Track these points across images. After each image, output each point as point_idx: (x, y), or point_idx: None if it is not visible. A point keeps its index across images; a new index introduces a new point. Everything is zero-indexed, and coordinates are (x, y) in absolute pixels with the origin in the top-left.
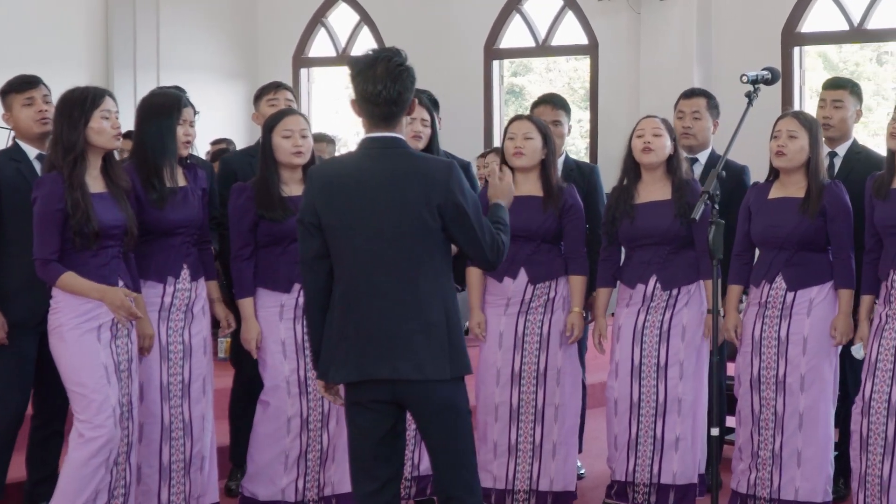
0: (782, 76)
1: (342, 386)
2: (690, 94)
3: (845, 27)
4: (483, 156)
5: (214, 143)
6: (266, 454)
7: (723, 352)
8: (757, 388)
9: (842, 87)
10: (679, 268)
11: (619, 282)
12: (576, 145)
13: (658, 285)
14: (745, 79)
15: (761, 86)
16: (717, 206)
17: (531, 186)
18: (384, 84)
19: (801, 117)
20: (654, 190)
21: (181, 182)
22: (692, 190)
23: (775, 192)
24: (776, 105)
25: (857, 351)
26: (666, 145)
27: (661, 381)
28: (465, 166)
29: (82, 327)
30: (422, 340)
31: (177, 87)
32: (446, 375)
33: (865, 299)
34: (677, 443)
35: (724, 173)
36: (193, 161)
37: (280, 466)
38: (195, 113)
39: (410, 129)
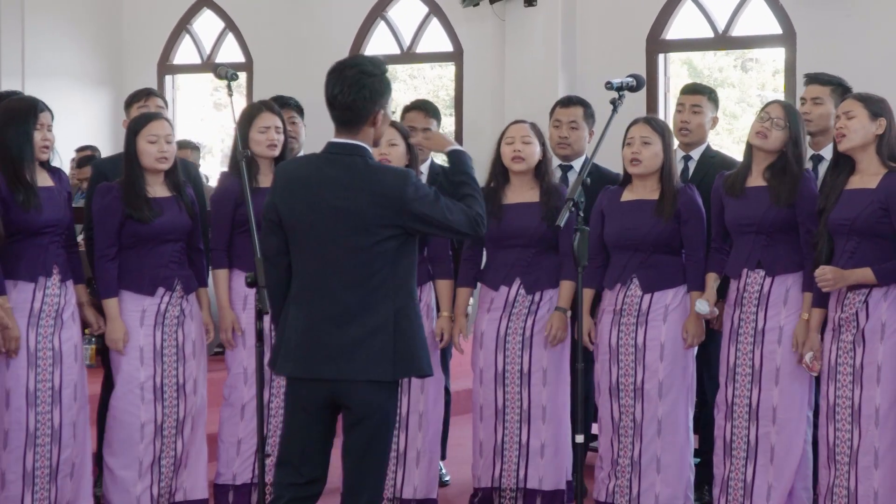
0: (647, 83)
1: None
2: (568, 102)
3: (710, 34)
4: None
5: (80, 149)
6: (118, 461)
7: (589, 358)
8: (616, 395)
9: (700, 93)
10: (543, 271)
11: (480, 284)
12: None
13: (521, 288)
14: (609, 86)
15: (626, 92)
16: (581, 213)
17: None
18: (341, 88)
19: (654, 123)
20: (522, 192)
21: (47, 183)
22: (560, 195)
23: (628, 196)
24: (641, 112)
25: (701, 306)
26: (535, 152)
27: (524, 387)
28: None
29: None
30: (364, 344)
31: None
32: (388, 377)
33: (711, 275)
34: (543, 449)
35: (588, 180)
36: (55, 166)
37: (133, 473)
38: (52, 118)
39: (265, 138)
